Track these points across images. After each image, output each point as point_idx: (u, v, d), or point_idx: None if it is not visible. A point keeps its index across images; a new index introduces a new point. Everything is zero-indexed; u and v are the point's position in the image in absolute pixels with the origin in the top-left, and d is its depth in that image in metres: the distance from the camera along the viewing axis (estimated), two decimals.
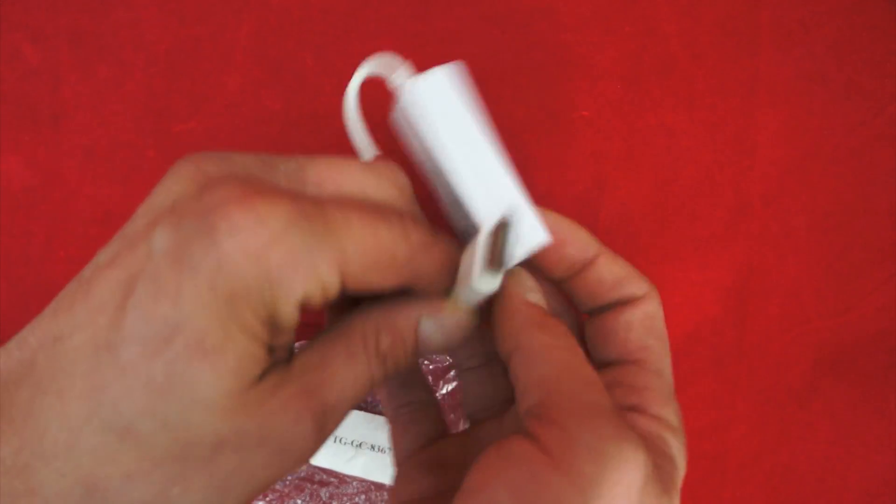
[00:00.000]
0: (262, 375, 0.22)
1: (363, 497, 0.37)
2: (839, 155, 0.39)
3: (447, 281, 0.26)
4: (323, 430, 0.23)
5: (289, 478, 0.37)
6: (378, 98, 0.30)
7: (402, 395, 0.31)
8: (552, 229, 0.27)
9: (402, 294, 0.26)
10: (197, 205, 0.21)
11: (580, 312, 0.29)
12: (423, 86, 0.27)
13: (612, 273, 0.27)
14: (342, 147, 0.38)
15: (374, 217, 0.24)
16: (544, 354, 0.24)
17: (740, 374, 0.37)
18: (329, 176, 0.25)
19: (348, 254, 0.23)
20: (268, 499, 0.36)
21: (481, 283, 0.24)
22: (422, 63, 0.39)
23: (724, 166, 0.38)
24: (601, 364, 0.27)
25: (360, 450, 0.36)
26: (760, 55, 0.39)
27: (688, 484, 0.37)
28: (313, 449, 0.23)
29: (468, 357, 0.31)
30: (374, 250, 0.23)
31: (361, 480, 0.37)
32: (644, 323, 0.27)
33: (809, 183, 0.38)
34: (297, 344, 0.25)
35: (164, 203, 0.23)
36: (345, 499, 0.37)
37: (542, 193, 0.38)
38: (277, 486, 0.37)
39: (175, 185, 0.23)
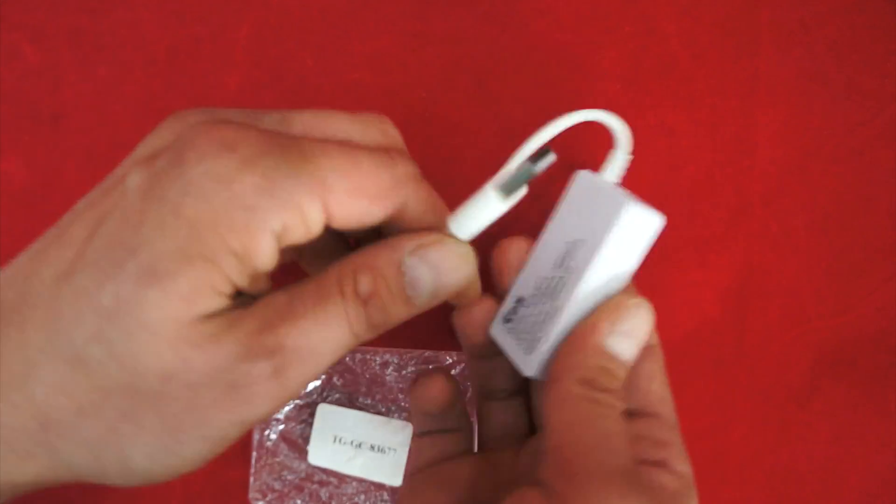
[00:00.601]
0: (220, 313, 0.21)
1: (363, 497, 0.37)
2: (839, 155, 0.39)
3: (436, 219, 0.24)
4: (281, 374, 0.21)
5: (289, 477, 0.37)
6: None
7: (434, 422, 0.31)
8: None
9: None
10: (171, 145, 0.21)
11: None
12: (638, 215, 0.26)
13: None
14: None
15: (355, 148, 0.22)
16: (573, 401, 0.23)
17: (740, 374, 0.37)
18: (314, 124, 0.23)
19: (329, 181, 0.21)
20: (267, 499, 0.36)
21: (486, 199, 0.23)
22: (421, 63, 0.39)
23: (724, 166, 0.38)
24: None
25: (360, 450, 0.36)
26: (760, 55, 0.39)
27: None
28: (273, 396, 0.21)
29: (498, 387, 0.31)
30: (356, 176, 0.22)
31: (361, 480, 0.37)
32: (662, 374, 0.27)
33: (809, 183, 0.38)
34: None
35: (144, 152, 0.22)
36: (344, 499, 0.37)
37: (541, 193, 0.38)
38: (276, 487, 0.37)
39: (156, 137, 0.23)
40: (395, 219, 0.24)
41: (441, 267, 0.24)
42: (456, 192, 0.38)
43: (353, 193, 0.22)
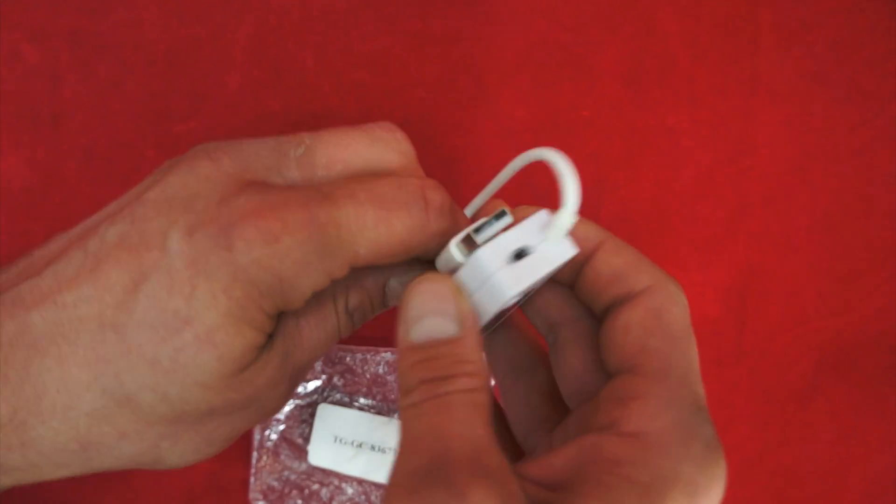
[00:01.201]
0: (257, 356, 0.24)
1: (363, 497, 0.37)
2: (839, 154, 0.39)
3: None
4: (295, 385, 0.26)
5: (289, 477, 0.37)
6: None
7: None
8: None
9: None
10: (215, 215, 0.22)
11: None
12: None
13: (609, 266, 0.25)
14: None
15: (390, 208, 0.24)
16: (420, 414, 0.22)
17: (741, 374, 0.37)
18: (337, 155, 0.25)
19: (360, 254, 0.23)
20: (268, 499, 0.36)
21: (453, 252, 0.24)
22: (421, 63, 0.39)
23: (724, 166, 0.38)
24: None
25: (361, 450, 0.36)
26: (761, 55, 0.39)
27: None
28: (286, 401, 0.26)
29: (506, 365, 0.29)
30: (387, 245, 0.24)
31: (361, 481, 0.37)
32: (644, 322, 0.24)
33: (810, 183, 0.38)
34: None
35: (178, 195, 0.23)
36: (344, 499, 0.37)
37: (541, 193, 0.38)
38: (276, 487, 0.37)
39: (191, 179, 0.24)
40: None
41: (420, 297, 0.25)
42: (456, 192, 0.38)
43: (381, 257, 0.24)
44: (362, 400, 0.37)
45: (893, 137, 0.39)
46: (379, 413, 0.37)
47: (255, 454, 0.37)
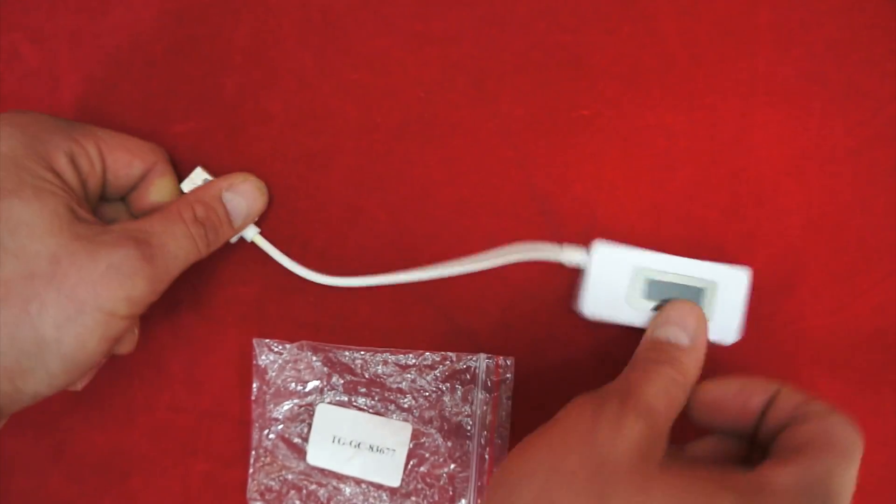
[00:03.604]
0: (89, 222, 0.30)
1: (361, 498, 0.37)
2: (837, 154, 0.39)
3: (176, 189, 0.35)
4: (151, 261, 0.30)
5: (287, 477, 0.37)
6: None
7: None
8: (723, 392, 0.31)
9: None
10: None
11: None
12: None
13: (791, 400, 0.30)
14: (340, 147, 0.38)
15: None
16: None
17: (737, 372, 0.37)
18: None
19: (100, 134, 0.33)
20: (265, 499, 0.37)
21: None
22: (421, 63, 0.39)
23: (722, 166, 0.38)
24: None
25: (359, 450, 0.37)
26: (759, 55, 0.39)
27: None
28: (146, 276, 0.30)
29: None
30: (120, 137, 0.34)
31: (360, 481, 0.37)
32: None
33: (806, 183, 0.39)
34: None
35: None
36: (342, 499, 0.37)
37: (542, 193, 0.38)
38: (275, 487, 0.37)
39: None
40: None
41: (249, 197, 0.35)
42: (455, 192, 0.38)
43: (119, 146, 0.33)
44: (361, 400, 0.37)
45: (891, 138, 0.39)
46: (378, 413, 0.37)
47: (252, 454, 0.37)
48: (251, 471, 0.37)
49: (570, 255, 0.36)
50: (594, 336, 0.38)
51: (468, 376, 0.37)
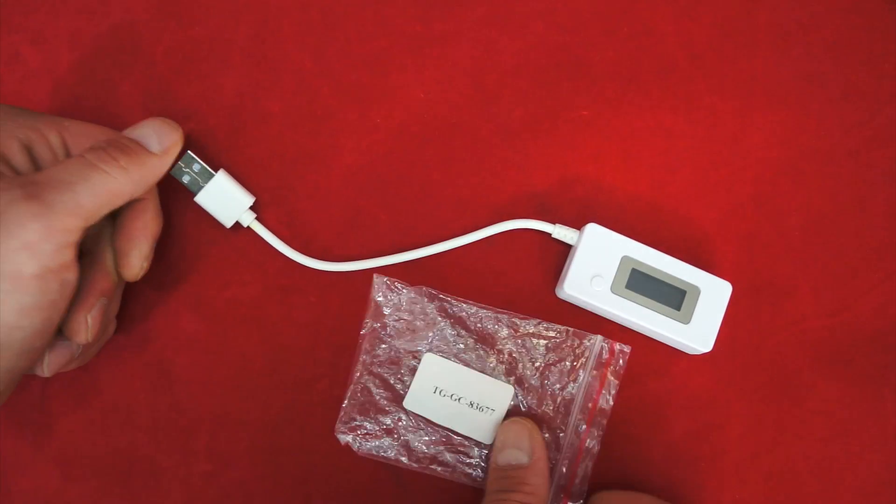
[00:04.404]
0: None
1: (443, 449, 0.37)
2: (836, 155, 0.39)
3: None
4: (37, 198, 0.28)
5: (378, 417, 0.36)
6: None
7: None
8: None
9: None
10: None
11: None
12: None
13: None
14: (340, 147, 0.38)
15: None
16: None
17: (735, 372, 0.37)
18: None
19: (65, 124, 0.33)
20: (355, 434, 0.36)
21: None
22: (421, 63, 0.39)
23: (720, 167, 0.38)
24: None
25: (459, 404, 0.36)
26: (758, 56, 0.39)
27: (688, 487, 0.37)
28: (35, 214, 0.27)
29: None
30: (83, 125, 0.33)
31: (450, 434, 0.37)
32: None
33: (805, 183, 0.39)
34: None
35: None
36: (427, 449, 0.37)
37: (542, 193, 0.38)
38: (366, 425, 0.36)
39: None
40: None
41: (152, 125, 0.33)
42: (455, 192, 0.38)
43: (83, 134, 0.32)
44: (468, 355, 0.37)
45: (889, 138, 0.39)
46: (481, 371, 0.37)
47: (350, 389, 0.36)
48: (344, 404, 0.36)
49: (561, 231, 0.37)
50: None
51: (580, 353, 0.37)
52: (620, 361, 0.37)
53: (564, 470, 0.36)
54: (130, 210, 0.34)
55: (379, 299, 0.37)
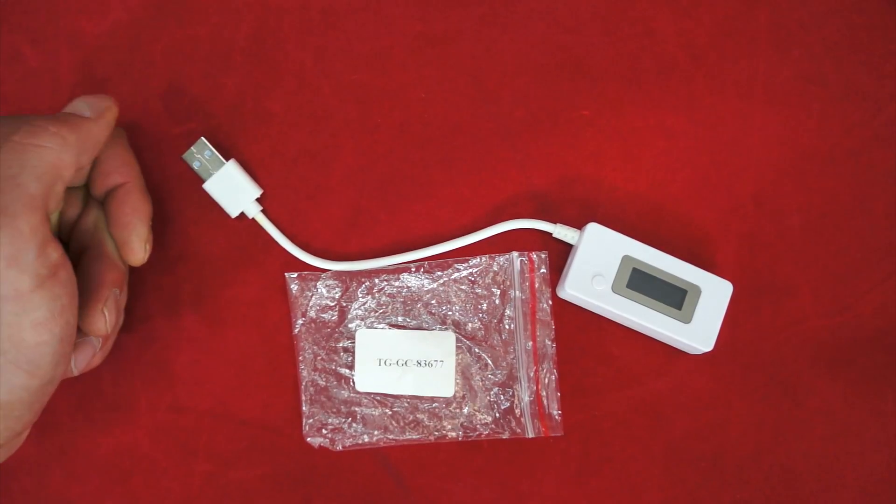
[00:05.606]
0: None
1: (412, 410, 0.37)
2: (836, 155, 0.39)
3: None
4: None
5: (340, 408, 0.37)
6: None
7: None
8: None
9: None
10: None
11: None
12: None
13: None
14: (340, 147, 0.38)
15: None
16: None
17: (735, 372, 0.37)
18: None
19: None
20: (324, 433, 0.36)
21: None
22: (421, 63, 0.39)
23: (721, 167, 0.38)
24: None
25: (407, 367, 0.36)
26: (759, 56, 0.39)
27: (688, 487, 0.37)
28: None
29: None
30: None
31: (411, 397, 0.37)
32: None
33: (805, 183, 0.39)
34: None
35: None
36: (398, 417, 0.37)
37: (542, 193, 0.38)
38: (331, 420, 0.36)
39: None
40: None
41: (83, 100, 0.32)
42: (455, 192, 0.38)
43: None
44: (400, 318, 0.37)
45: (890, 138, 0.39)
46: (418, 328, 0.37)
47: (303, 393, 0.36)
48: (304, 409, 0.37)
49: (562, 231, 0.37)
50: None
51: (503, 277, 0.37)
52: (542, 269, 0.37)
53: (530, 398, 0.37)
54: (115, 197, 0.33)
55: (297, 296, 0.37)
